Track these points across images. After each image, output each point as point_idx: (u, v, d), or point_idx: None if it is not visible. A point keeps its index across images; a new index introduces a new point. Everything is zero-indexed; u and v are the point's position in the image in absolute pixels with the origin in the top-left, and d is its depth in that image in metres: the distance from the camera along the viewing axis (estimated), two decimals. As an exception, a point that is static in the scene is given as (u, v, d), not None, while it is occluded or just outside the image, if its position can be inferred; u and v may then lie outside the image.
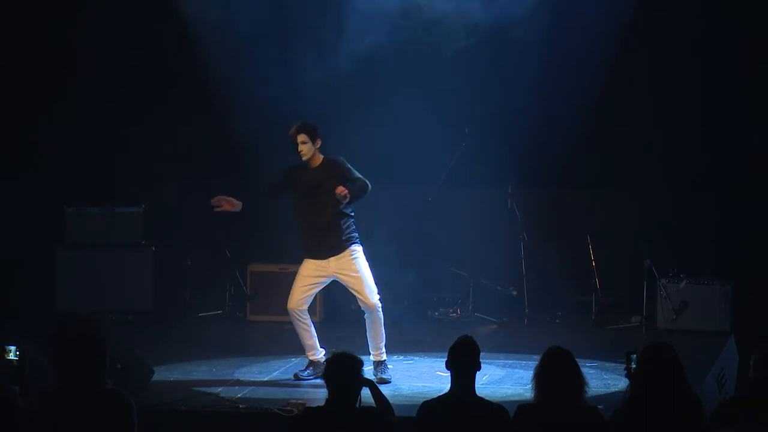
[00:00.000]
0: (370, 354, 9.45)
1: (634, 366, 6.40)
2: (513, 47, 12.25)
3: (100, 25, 12.79)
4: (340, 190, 9.21)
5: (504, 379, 9.62)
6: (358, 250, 9.52)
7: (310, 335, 9.56)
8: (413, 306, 12.61)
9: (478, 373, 6.41)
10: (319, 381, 7.91)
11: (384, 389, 6.97)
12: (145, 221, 12.82)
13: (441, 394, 6.51)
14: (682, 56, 12.69)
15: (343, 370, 6.32)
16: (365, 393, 6.42)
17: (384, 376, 9.37)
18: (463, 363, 6.40)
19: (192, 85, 12.84)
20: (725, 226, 12.62)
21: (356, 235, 9.55)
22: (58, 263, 12.57)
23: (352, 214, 9.55)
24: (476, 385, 6.42)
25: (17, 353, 6.33)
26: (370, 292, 9.46)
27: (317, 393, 8.11)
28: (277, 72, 12.27)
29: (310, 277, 9.50)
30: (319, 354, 9.49)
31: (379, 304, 9.48)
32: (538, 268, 12.91)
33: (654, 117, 12.89)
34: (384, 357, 9.55)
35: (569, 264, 13.03)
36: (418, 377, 9.64)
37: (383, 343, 9.53)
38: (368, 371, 8.84)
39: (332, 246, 9.45)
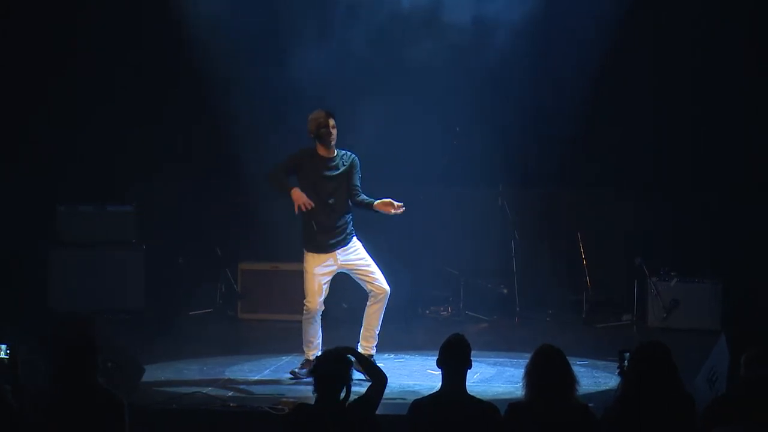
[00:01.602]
0: (358, 346, 9.44)
1: (626, 364, 6.41)
2: (506, 46, 12.25)
3: (100, 25, 12.77)
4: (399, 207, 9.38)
5: (495, 378, 9.63)
6: (358, 242, 9.59)
7: (318, 334, 9.54)
8: (404, 304, 12.61)
9: (469, 371, 6.41)
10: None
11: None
12: (136, 220, 12.81)
13: (432, 392, 6.52)
14: (679, 56, 12.71)
15: (333, 368, 6.33)
16: (356, 388, 6.44)
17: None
18: (455, 361, 6.40)
19: (192, 85, 12.84)
20: (717, 226, 12.64)
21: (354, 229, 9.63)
22: (50, 262, 12.55)
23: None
24: (467, 384, 6.42)
25: (8, 351, 6.33)
26: (383, 276, 9.52)
27: (309, 391, 8.11)
28: (277, 72, 12.26)
29: (322, 274, 9.47)
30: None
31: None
32: (530, 267, 12.91)
33: (648, 116, 12.90)
34: (374, 351, 9.56)
35: (560, 262, 13.05)
36: (410, 375, 9.64)
37: (379, 331, 9.54)
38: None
39: (339, 239, 9.48)
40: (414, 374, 9.69)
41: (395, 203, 9.40)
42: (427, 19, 12.24)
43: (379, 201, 9.44)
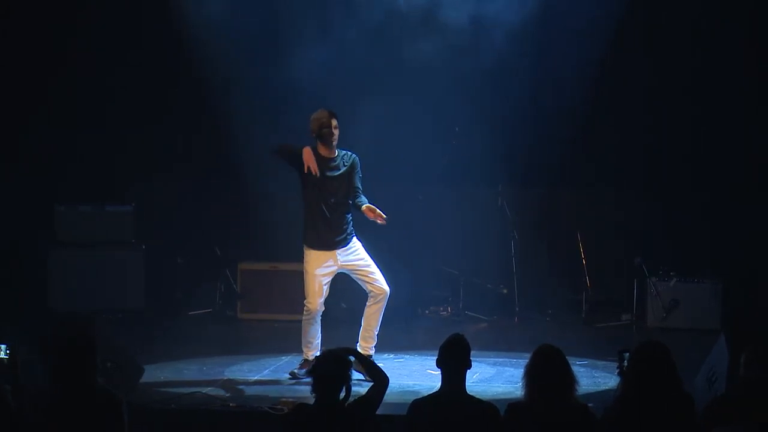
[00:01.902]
0: (357, 346, 9.43)
1: (626, 364, 6.41)
2: (506, 45, 12.25)
3: (100, 25, 12.77)
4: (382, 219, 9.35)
5: (494, 378, 9.63)
6: (358, 242, 9.59)
7: (318, 335, 9.53)
8: (404, 304, 12.60)
9: (468, 371, 6.41)
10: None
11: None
12: (136, 220, 12.80)
13: (432, 392, 6.52)
14: (679, 55, 12.70)
15: (332, 369, 6.33)
16: (356, 388, 6.44)
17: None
18: (454, 361, 6.40)
19: (192, 85, 12.83)
20: (717, 226, 12.64)
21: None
22: (49, 262, 12.55)
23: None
24: (467, 384, 6.42)
25: (8, 351, 6.32)
26: (382, 277, 9.52)
27: (308, 391, 8.13)
28: (277, 72, 12.26)
29: (323, 275, 9.46)
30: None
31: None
32: (529, 267, 12.91)
33: (648, 116, 12.90)
34: (373, 351, 9.56)
35: (560, 262, 13.04)
36: (409, 375, 9.63)
37: (378, 331, 9.54)
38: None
39: (340, 239, 9.48)
40: (413, 374, 9.68)
41: (377, 211, 9.38)
42: (426, 19, 12.24)
43: (366, 205, 9.44)
